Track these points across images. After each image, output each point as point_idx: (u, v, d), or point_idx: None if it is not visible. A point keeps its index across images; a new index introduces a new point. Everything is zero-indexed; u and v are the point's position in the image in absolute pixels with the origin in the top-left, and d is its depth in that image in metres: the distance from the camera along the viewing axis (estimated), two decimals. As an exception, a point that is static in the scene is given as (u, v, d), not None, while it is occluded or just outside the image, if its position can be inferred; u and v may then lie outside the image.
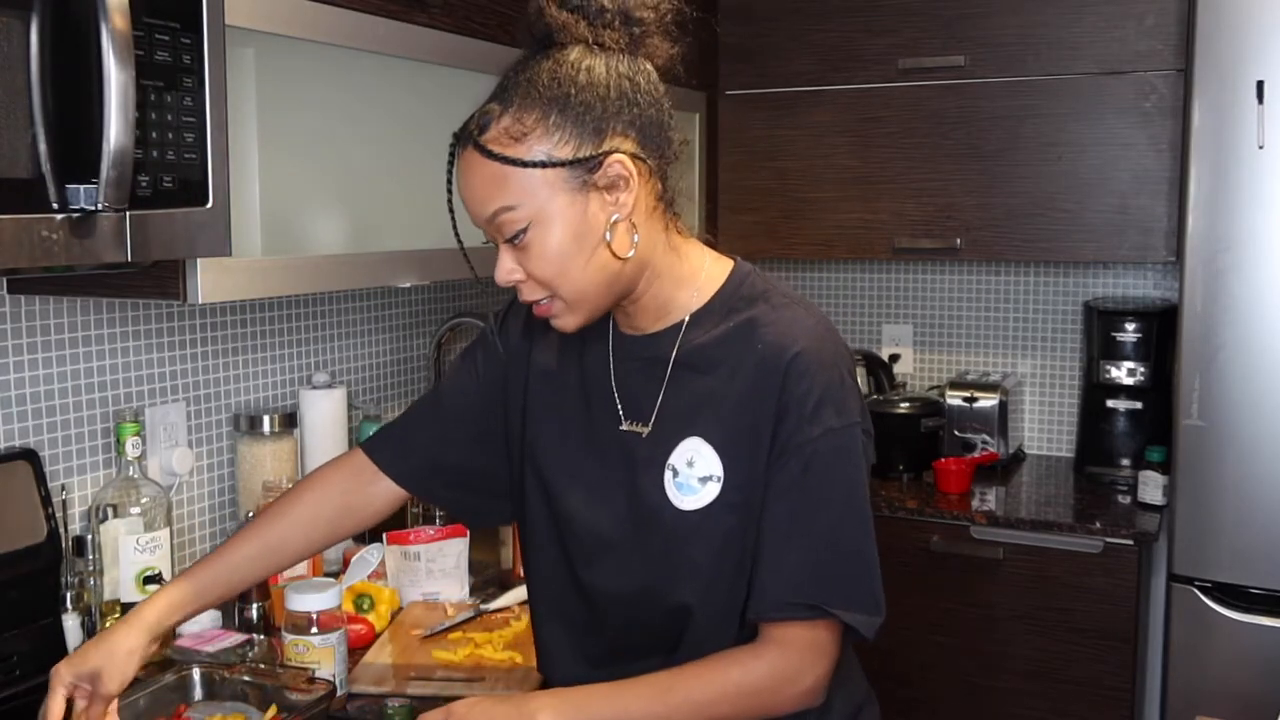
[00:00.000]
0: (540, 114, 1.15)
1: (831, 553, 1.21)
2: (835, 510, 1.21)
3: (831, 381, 1.20)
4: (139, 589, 1.64)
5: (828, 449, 1.19)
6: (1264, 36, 2.20)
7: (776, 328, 1.22)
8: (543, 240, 1.17)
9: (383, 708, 1.43)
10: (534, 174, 1.15)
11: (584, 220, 1.17)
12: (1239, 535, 2.29)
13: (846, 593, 1.22)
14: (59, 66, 1.19)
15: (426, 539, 1.92)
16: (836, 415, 1.20)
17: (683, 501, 1.23)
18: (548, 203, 1.15)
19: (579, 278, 1.19)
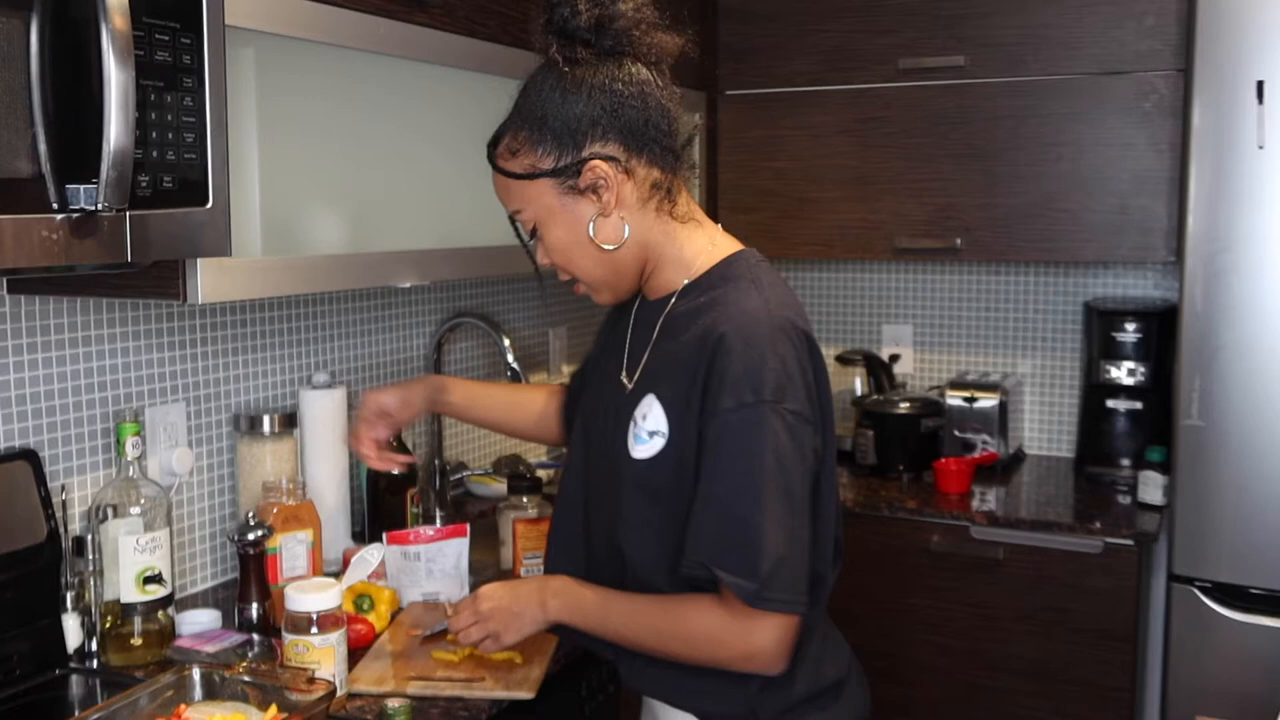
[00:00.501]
0: (527, 133, 1.36)
1: (724, 519, 1.28)
2: (733, 480, 1.28)
3: (752, 361, 1.28)
4: (139, 589, 1.64)
5: (737, 422, 1.28)
6: (1264, 36, 2.20)
7: (724, 306, 1.34)
8: (548, 236, 1.39)
9: (383, 708, 1.43)
10: (528, 184, 1.37)
11: (574, 218, 1.37)
12: (1239, 535, 2.30)
13: (728, 555, 1.28)
14: (59, 66, 1.19)
15: (426, 539, 1.92)
16: (752, 392, 1.27)
17: (636, 450, 1.38)
18: (545, 206, 1.37)
19: (584, 265, 1.40)
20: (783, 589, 1.27)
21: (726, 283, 1.38)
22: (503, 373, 2.30)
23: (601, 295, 1.45)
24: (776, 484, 1.27)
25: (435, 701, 1.55)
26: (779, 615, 1.29)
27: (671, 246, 1.41)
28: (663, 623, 1.36)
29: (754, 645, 1.30)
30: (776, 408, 1.27)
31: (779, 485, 1.27)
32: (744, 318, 1.31)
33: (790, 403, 1.29)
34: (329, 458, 2.12)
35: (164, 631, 1.68)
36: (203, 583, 2.01)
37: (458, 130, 2.04)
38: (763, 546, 1.26)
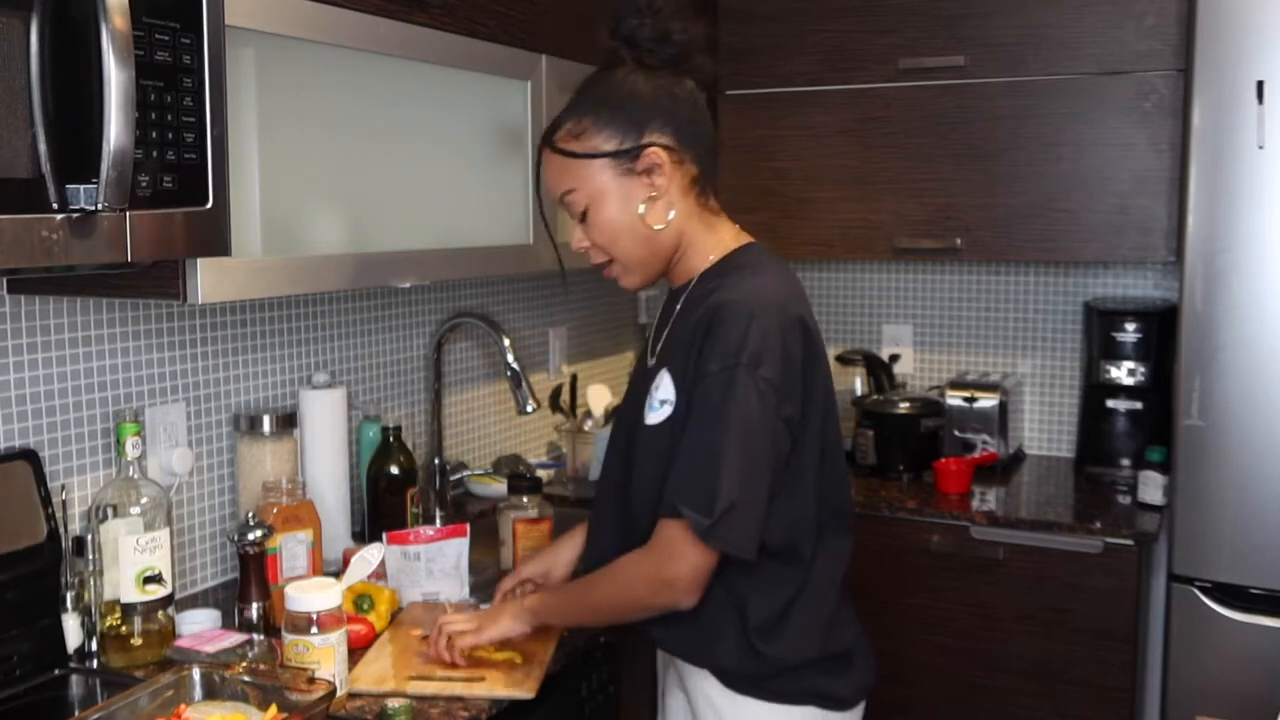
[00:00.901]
0: (592, 117, 1.52)
1: (692, 463, 1.44)
2: (707, 431, 1.44)
3: (737, 330, 1.44)
4: (139, 589, 1.64)
5: (714, 382, 1.44)
6: (1264, 36, 2.20)
7: (728, 288, 1.50)
8: (598, 214, 1.53)
9: (383, 708, 1.43)
10: (588, 163, 1.52)
11: (628, 198, 1.53)
12: (1239, 535, 2.29)
13: (691, 494, 1.43)
14: (59, 66, 1.19)
15: (426, 539, 1.92)
16: (732, 356, 1.43)
17: (648, 417, 1.53)
18: (600, 186, 1.52)
19: (628, 244, 1.55)
20: (731, 530, 1.42)
21: (735, 270, 1.54)
22: (503, 373, 2.30)
23: (632, 278, 1.59)
24: (739, 438, 1.42)
25: (435, 701, 1.55)
26: (707, 554, 1.44)
27: (700, 235, 1.58)
28: (597, 591, 1.55)
29: (670, 572, 1.45)
30: (752, 372, 1.42)
31: (741, 440, 1.42)
32: (739, 295, 1.47)
33: (765, 370, 1.43)
34: (329, 458, 2.12)
35: (164, 631, 1.68)
36: (203, 583, 2.01)
37: (458, 130, 2.04)
38: (719, 488, 1.41)
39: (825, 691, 1.55)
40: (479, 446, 2.71)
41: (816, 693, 1.55)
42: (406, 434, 2.28)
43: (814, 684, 1.55)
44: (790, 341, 1.47)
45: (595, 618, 1.63)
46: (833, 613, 1.57)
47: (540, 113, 2.17)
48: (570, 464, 2.82)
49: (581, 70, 2.27)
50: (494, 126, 2.13)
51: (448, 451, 2.55)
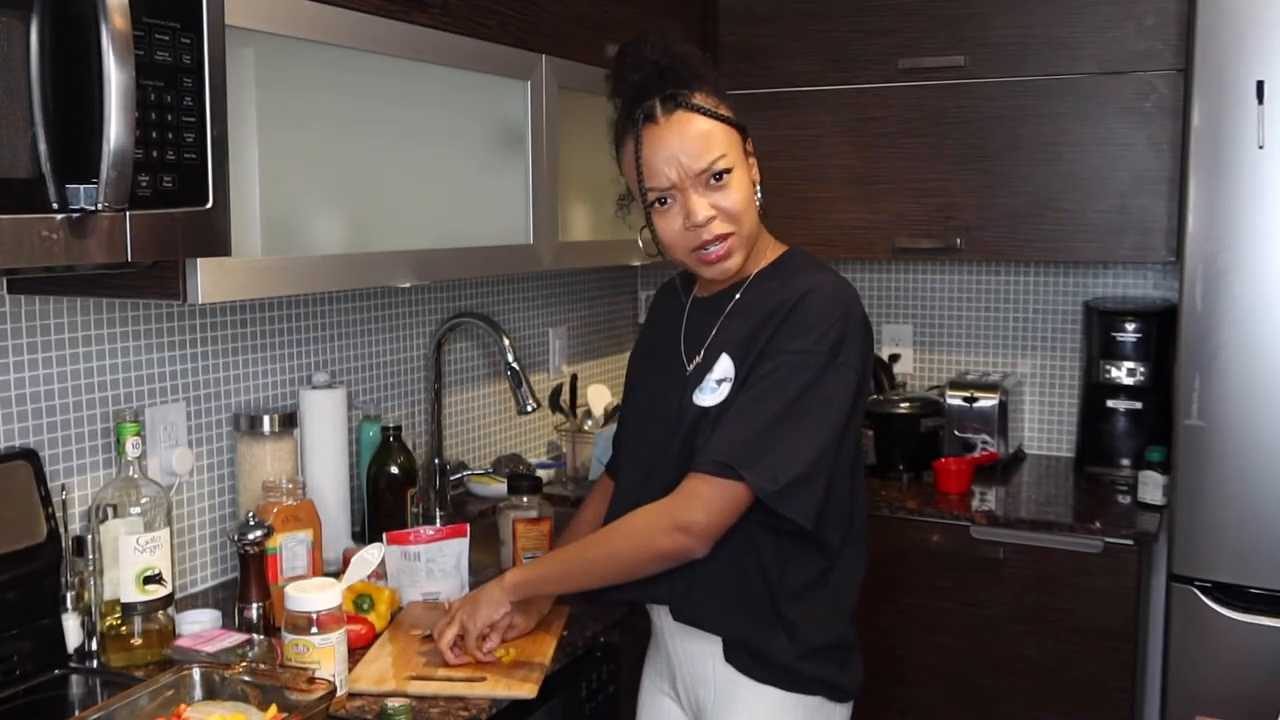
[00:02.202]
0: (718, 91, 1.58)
1: (759, 433, 1.46)
2: (778, 404, 1.46)
3: (827, 316, 1.49)
4: (139, 589, 1.64)
5: (796, 361, 1.48)
6: (1264, 36, 2.20)
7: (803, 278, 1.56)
8: (738, 184, 1.55)
9: (383, 708, 1.43)
10: (731, 131, 1.56)
11: (748, 174, 1.58)
12: (1239, 535, 2.29)
13: (756, 461, 1.45)
14: (59, 66, 1.19)
15: (426, 539, 1.92)
16: (818, 342, 1.48)
17: (702, 399, 1.54)
18: (737, 153, 1.57)
19: (751, 217, 1.57)
20: (798, 499, 1.45)
21: (796, 270, 1.59)
22: (503, 373, 2.30)
23: (739, 258, 1.57)
24: (816, 418, 1.47)
25: (435, 701, 1.55)
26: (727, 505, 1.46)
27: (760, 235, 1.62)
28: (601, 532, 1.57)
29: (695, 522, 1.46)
30: (835, 361, 1.48)
31: (818, 420, 1.47)
32: (826, 285, 1.54)
33: (845, 356, 1.49)
34: (329, 458, 2.12)
35: (164, 631, 1.68)
36: (203, 583, 2.01)
37: (458, 130, 2.04)
38: (791, 458, 1.44)
39: (834, 681, 1.58)
40: (479, 446, 2.71)
41: (826, 682, 1.58)
42: (406, 434, 2.28)
43: (826, 673, 1.57)
44: (867, 341, 1.55)
45: (596, 574, 1.58)
46: (849, 605, 1.63)
47: (540, 113, 2.17)
48: (570, 464, 2.82)
49: (582, 70, 2.28)
50: (494, 126, 2.13)
51: (448, 451, 2.55)
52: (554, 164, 2.22)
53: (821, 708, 1.59)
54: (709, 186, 1.53)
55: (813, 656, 1.56)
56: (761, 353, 1.50)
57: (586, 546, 1.59)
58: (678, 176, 1.53)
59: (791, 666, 1.55)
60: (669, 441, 1.58)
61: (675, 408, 1.59)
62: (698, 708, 1.64)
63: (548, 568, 1.63)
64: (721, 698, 1.59)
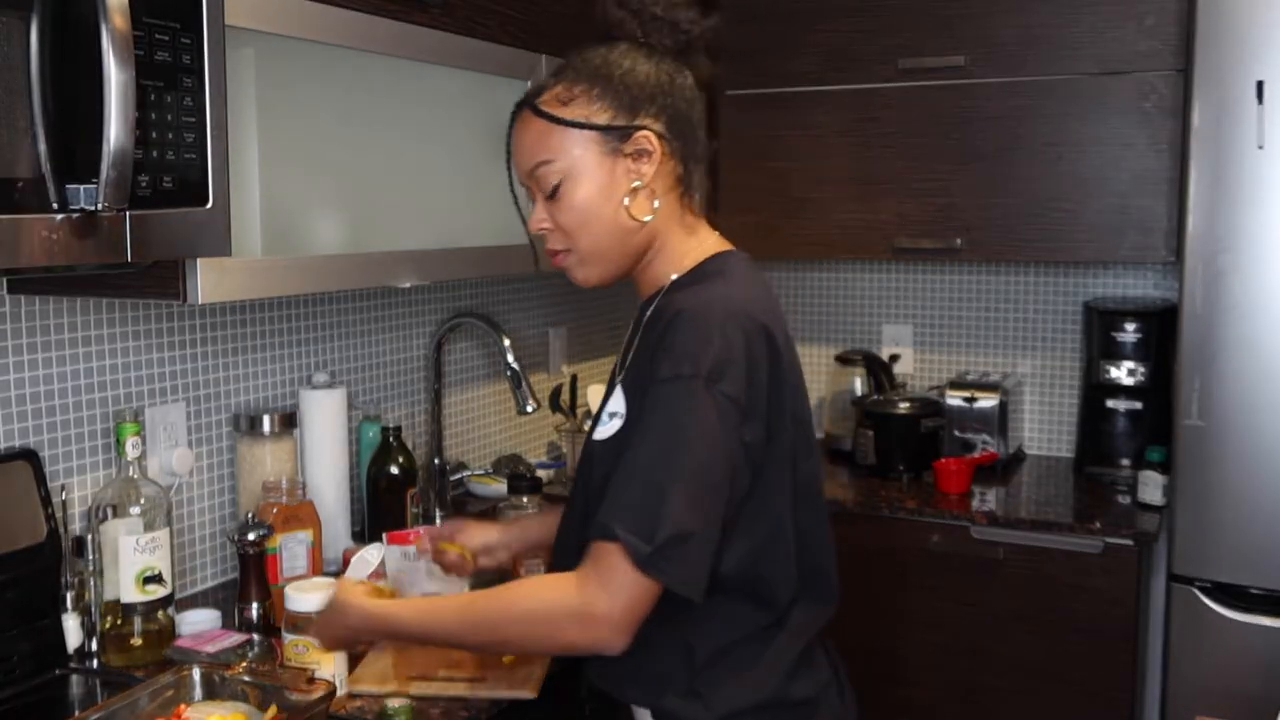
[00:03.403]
0: (586, 85, 1.36)
1: (634, 480, 1.26)
2: (653, 447, 1.26)
3: (697, 337, 1.28)
4: (139, 589, 1.64)
5: (669, 392, 1.27)
6: (1264, 36, 2.20)
7: (689, 294, 1.35)
8: (572, 193, 1.36)
9: (383, 708, 1.43)
10: (572, 133, 1.36)
11: (609, 181, 1.36)
12: (1239, 535, 2.29)
13: (630, 515, 1.24)
14: (59, 66, 1.19)
15: (426, 539, 1.92)
16: (690, 365, 1.26)
17: (597, 432, 1.39)
18: (581, 160, 1.36)
19: (598, 232, 1.37)
20: (674, 563, 1.23)
21: (707, 278, 1.39)
22: (503, 373, 2.30)
23: (587, 271, 1.41)
24: (696, 459, 1.25)
25: (436, 701, 1.55)
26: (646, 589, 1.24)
27: (675, 238, 1.42)
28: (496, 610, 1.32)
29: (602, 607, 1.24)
30: (711, 386, 1.26)
31: (698, 461, 1.25)
32: (701, 300, 1.32)
33: (726, 385, 1.27)
34: (329, 458, 2.12)
35: (164, 631, 1.68)
36: (203, 583, 2.01)
37: (458, 130, 2.04)
38: (667, 513, 1.23)
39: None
40: (479, 446, 2.71)
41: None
42: (406, 434, 2.28)
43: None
44: (755, 355, 1.31)
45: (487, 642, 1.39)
46: (798, 659, 1.39)
47: (540, 113, 2.17)
48: (570, 464, 2.82)
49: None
50: (494, 126, 2.11)
51: (448, 451, 2.55)
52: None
53: None
54: (548, 197, 1.38)
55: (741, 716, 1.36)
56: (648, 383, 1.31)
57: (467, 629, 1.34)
58: (524, 181, 1.42)
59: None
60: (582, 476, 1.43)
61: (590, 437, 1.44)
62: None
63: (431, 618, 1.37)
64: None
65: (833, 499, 2.64)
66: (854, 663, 1.59)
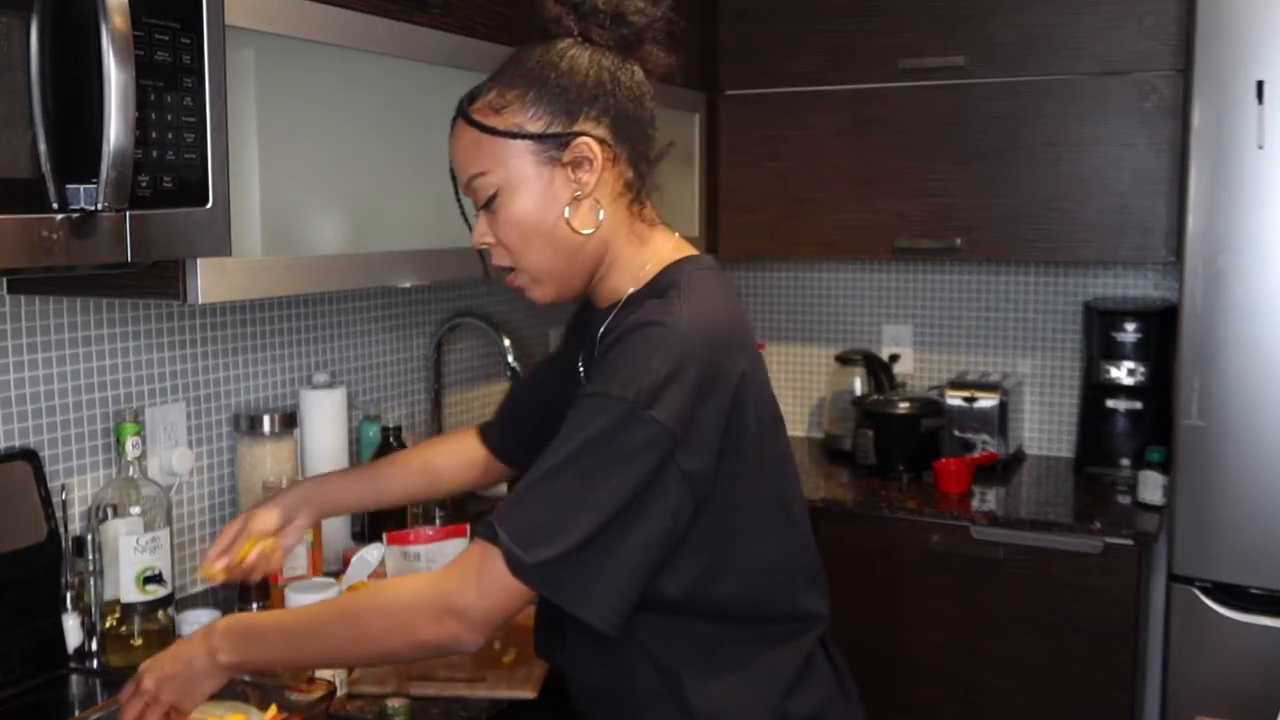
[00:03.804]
0: (520, 91, 1.27)
1: (529, 491, 1.18)
2: (556, 459, 1.18)
3: (636, 359, 1.18)
4: (139, 589, 1.64)
5: (589, 406, 1.18)
6: (1264, 36, 2.20)
7: (643, 312, 1.25)
8: (509, 207, 1.27)
9: (383, 708, 1.44)
10: (506, 143, 1.26)
11: (548, 192, 1.27)
12: (1239, 535, 2.29)
13: (513, 521, 1.17)
14: (59, 66, 1.19)
15: (426, 539, 1.92)
16: (620, 386, 1.17)
17: None
18: (516, 171, 1.26)
19: (540, 247, 1.29)
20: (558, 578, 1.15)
21: (661, 292, 1.28)
22: (503, 373, 2.30)
23: (542, 289, 1.32)
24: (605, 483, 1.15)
25: (436, 701, 1.55)
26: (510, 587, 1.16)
27: (629, 249, 1.32)
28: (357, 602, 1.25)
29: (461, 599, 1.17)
30: (640, 411, 1.15)
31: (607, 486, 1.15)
32: (650, 320, 1.22)
33: (659, 410, 1.16)
34: (329, 458, 2.12)
35: (164, 631, 1.68)
36: (203, 583, 2.01)
37: (458, 130, 2.04)
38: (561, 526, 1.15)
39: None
40: (479, 446, 2.70)
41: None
42: (406, 434, 2.28)
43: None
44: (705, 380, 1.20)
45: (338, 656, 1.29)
46: (795, 674, 1.33)
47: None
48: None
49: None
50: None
51: (448, 451, 2.54)
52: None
53: None
54: (485, 209, 1.29)
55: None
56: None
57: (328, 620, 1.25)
58: (464, 193, 1.33)
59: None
60: None
61: None
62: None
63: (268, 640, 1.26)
64: None
65: (833, 499, 2.64)
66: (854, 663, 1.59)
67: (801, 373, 3.33)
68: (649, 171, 1.34)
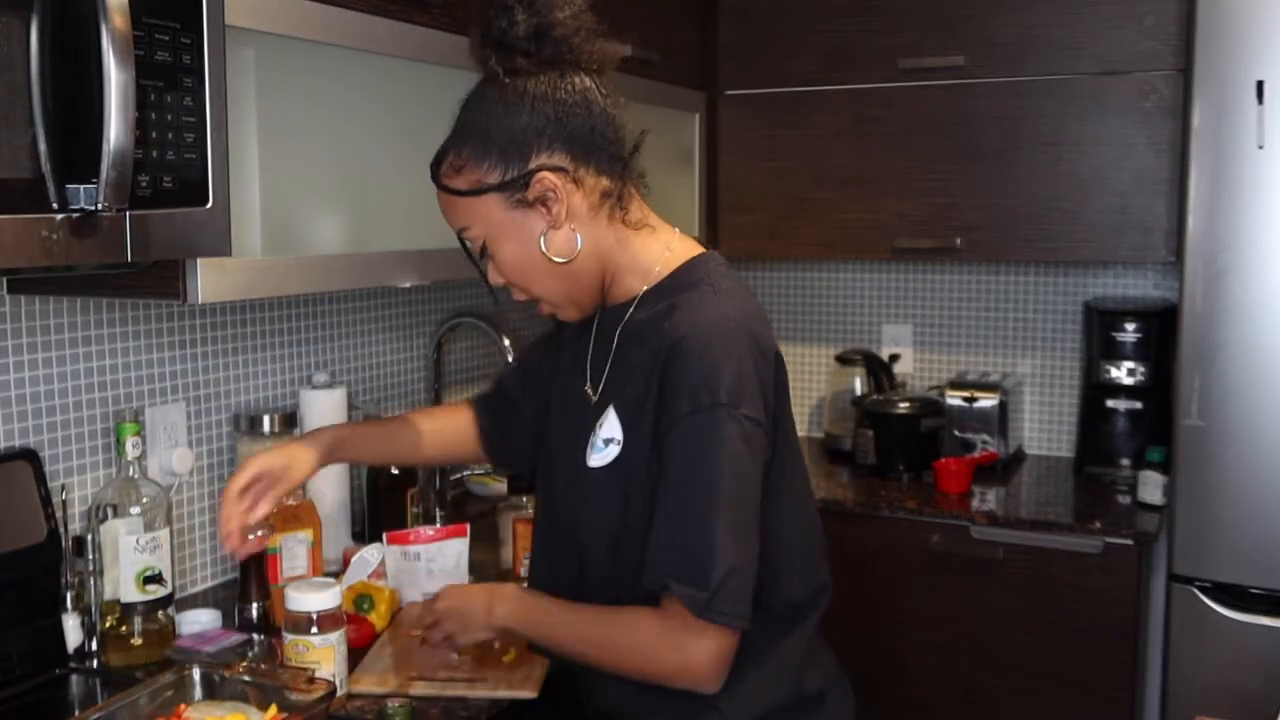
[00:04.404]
0: (470, 148, 1.32)
1: (679, 527, 1.26)
2: (690, 488, 1.26)
3: (709, 365, 1.26)
4: (139, 589, 1.64)
5: (693, 427, 1.26)
6: (1264, 36, 2.20)
7: (683, 312, 1.31)
8: (499, 253, 1.36)
9: (383, 708, 1.43)
10: (475, 200, 1.33)
11: (526, 232, 1.33)
12: (1239, 535, 2.29)
13: (683, 566, 1.25)
14: (59, 66, 1.19)
15: (426, 539, 1.92)
16: (708, 395, 1.25)
17: (591, 458, 1.36)
18: (494, 222, 1.33)
19: (542, 282, 1.37)
20: (731, 602, 1.24)
21: (685, 289, 1.35)
22: (503, 373, 2.29)
23: (566, 312, 1.42)
24: (732, 492, 1.25)
25: (436, 701, 1.55)
26: (721, 631, 1.26)
27: (626, 254, 1.37)
28: (597, 633, 1.34)
29: (690, 659, 1.27)
30: (733, 412, 1.25)
31: (734, 493, 1.25)
32: (702, 323, 1.29)
33: (746, 408, 1.26)
34: (329, 458, 2.11)
35: (164, 631, 1.68)
36: (203, 583, 2.01)
37: (458, 130, 2.04)
38: (715, 556, 1.23)
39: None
40: (479, 446, 2.70)
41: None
42: (406, 434, 2.27)
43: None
44: (762, 372, 1.30)
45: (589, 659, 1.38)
46: (806, 651, 1.42)
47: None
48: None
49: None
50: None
51: (448, 451, 2.54)
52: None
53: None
54: (481, 258, 1.39)
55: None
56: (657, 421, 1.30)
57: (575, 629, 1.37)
58: None
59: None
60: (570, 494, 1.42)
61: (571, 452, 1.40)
62: None
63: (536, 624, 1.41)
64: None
65: (833, 499, 2.64)
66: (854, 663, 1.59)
67: (801, 372, 3.33)
68: (627, 169, 1.36)
